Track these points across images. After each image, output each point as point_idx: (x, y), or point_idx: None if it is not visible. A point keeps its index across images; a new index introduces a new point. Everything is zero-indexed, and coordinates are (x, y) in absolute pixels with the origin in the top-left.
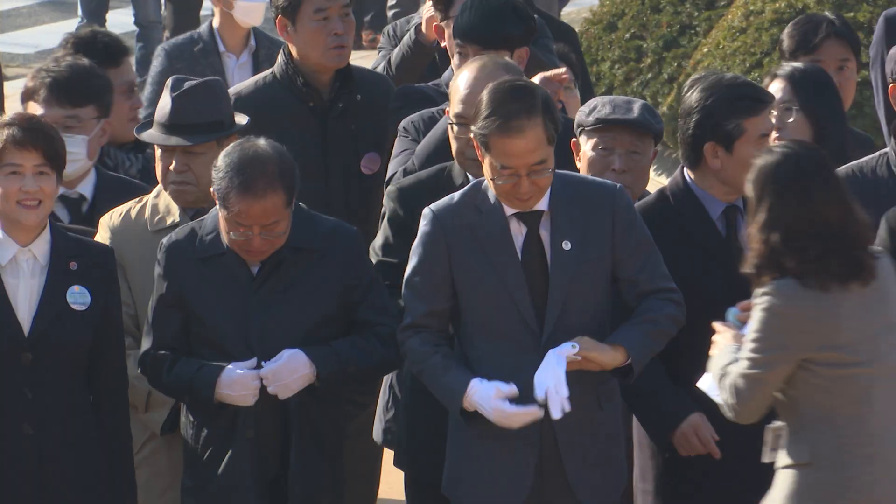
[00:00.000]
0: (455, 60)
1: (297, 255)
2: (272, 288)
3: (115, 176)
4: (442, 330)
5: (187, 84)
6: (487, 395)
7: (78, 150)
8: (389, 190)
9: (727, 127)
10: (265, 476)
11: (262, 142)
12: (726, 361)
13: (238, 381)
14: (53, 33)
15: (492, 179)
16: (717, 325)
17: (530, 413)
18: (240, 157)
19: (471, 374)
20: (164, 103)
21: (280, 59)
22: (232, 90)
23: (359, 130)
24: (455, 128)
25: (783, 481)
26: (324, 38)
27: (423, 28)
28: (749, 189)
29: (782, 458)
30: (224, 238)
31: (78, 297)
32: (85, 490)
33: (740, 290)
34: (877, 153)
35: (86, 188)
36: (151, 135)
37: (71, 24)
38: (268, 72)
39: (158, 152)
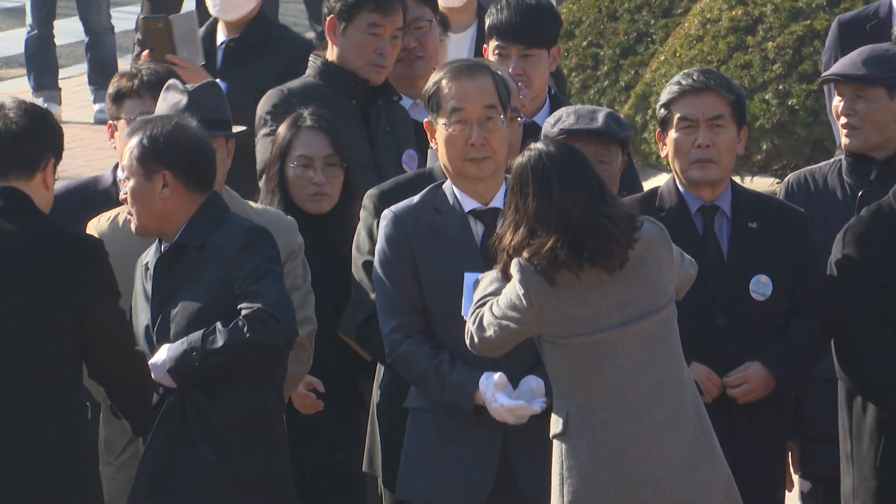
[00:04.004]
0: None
1: (185, 254)
2: (170, 285)
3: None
4: (425, 329)
5: (194, 84)
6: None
7: None
8: (370, 193)
9: (659, 112)
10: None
11: None
12: (488, 292)
13: None
14: (8, 41)
15: (445, 144)
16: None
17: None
18: None
19: (477, 370)
20: (178, 99)
21: (314, 63)
22: (280, 87)
23: (395, 129)
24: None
25: (553, 452)
26: (369, 53)
27: None
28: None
29: (551, 430)
30: None
31: None
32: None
33: (707, 286)
34: (832, 159)
35: None
36: None
37: (21, 33)
38: (308, 74)
39: None
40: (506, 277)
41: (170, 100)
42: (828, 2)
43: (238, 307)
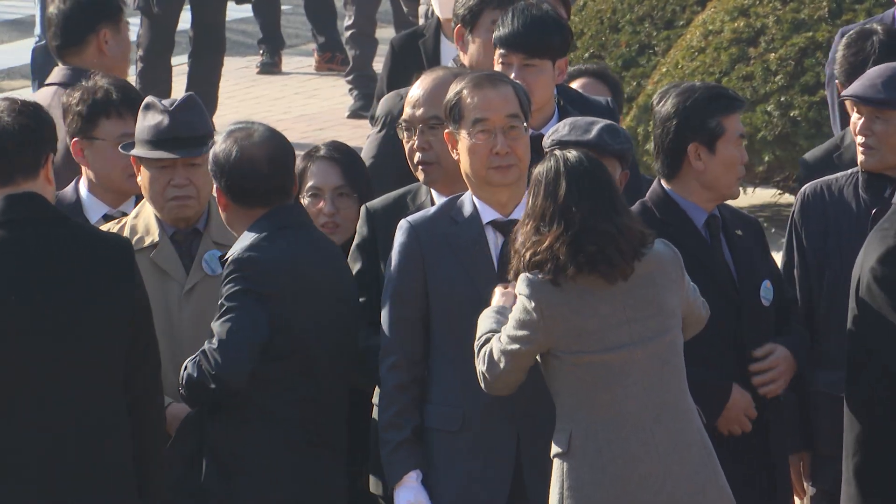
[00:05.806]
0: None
1: (223, 265)
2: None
3: None
4: (416, 351)
5: (172, 101)
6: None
7: None
8: (361, 210)
9: (710, 125)
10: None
11: None
12: (488, 329)
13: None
14: (11, 52)
15: (469, 153)
16: (499, 287)
17: None
18: None
19: (417, 459)
20: (158, 120)
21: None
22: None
23: None
24: (404, 134)
25: (553, 472)
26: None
27: None
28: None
29: (552, 449)
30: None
31: None
32: None
33: (728, 297)
34: (849, 171)
35: None
36: (152, 152)
37: (24, 44)
38: None
39: (151, 172)
40: (514, 286)
41: (150, 120)
42: (830, 13)
43: None
